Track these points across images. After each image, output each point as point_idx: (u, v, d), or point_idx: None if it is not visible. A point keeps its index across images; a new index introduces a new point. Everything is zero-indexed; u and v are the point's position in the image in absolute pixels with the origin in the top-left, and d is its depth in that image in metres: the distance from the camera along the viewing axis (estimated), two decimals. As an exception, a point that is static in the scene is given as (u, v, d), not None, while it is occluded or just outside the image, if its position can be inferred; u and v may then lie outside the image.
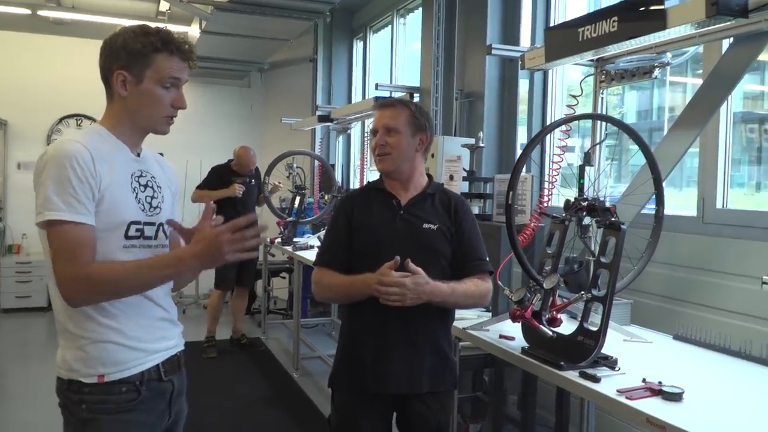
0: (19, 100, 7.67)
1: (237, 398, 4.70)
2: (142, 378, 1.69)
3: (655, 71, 2.57)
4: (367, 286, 2.02)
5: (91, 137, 1.66)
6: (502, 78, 4.42)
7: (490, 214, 3.25)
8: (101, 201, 1.60)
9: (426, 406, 2.16)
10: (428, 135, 2.24)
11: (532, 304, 2.19)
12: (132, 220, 1.67)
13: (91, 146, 1.61)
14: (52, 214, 1.53)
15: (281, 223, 6.02)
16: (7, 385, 5.06)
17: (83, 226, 1.55)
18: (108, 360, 1.63)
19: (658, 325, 2.78)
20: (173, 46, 1.68)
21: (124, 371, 1.65)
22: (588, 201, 2.20)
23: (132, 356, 1.67)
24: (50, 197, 1.53)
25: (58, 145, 1.59)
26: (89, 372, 1.62)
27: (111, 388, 1.64)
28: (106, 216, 1.61)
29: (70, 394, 1.64)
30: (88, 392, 1.62)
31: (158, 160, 1.88)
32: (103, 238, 1.62)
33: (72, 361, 1.63)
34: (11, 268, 7.13)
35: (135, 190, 1.70)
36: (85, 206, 1.55)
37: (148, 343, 1.71)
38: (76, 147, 1.58)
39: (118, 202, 1.64)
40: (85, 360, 1.62)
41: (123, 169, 1.69)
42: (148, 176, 1.76)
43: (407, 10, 6.48)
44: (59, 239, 1.54)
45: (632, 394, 1.82)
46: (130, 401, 1.66)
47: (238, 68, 8.26)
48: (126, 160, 1.71)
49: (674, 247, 2.92)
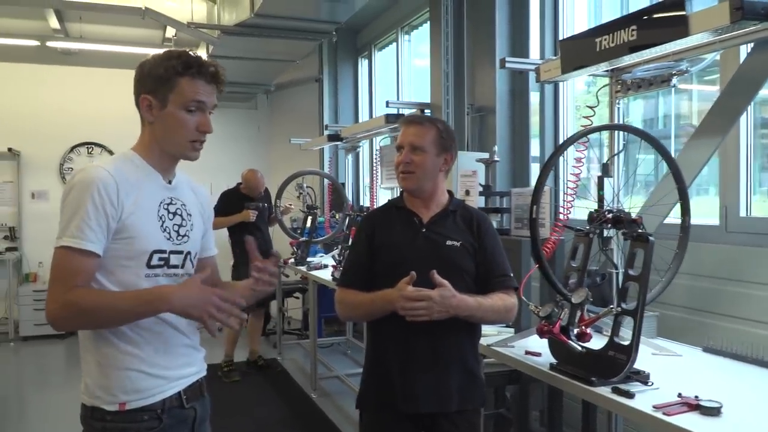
0: (31, 131, 7.75)
1: (257, 420, 4.67)
2: (163, 406, 1.68)
3: (673, 79, 2.54)
4: (388, 302, 1.99)
5: (122, 164, 1.66)
6: (513, 91, 4.41)
7: (508, 229, 3.22)
8: (122, 230, 1.60)
9: (454, 426, 2.12)
10: (453, 155, 2.22)
11: (560, 320, 2.15)
12: (155, 249, 1.66)
13: (118, 174, 1.61)
14: (65, 240, 1.54)
15: (294, 243, 6.01)
16: (26, 412, 5.05)
17: (86, 254, 1.55)
18: (129, 387, 1.63)
19: (685, 337, 2.73)
20: (195, 69, 1.66)
21: (146, 399, 1.65)
22: (613, 213, 2.17)
23: (153, 384, 1.66)
24: (66, 224, 1.55)
25: (84, 173, 1.60)
26: (111, 399, 1.62)
27: (133, 416, 1.63)
28: (126, 244, 1.61)
29: (93, 422, 1.64)
30: (110, 420, 1.62)
31: (192, 186, 1.87)
32: (125, 266, 1.62)
33: (94, 388, 1.63)
34: (29, 296, 7.16)
35: (162, 218, 1.69)
36: (96, 235, 1.55)
37: (169, 371, 1.70)
38: (101, 174, 1.58)
39: (141, 231, 1.63)
40: (107, 387, 1.62)
41: (151, 197, 1.68)
42: (178, 204, 1.76)
43: (411, 26, 6.50)
44: (58, 263, 1.56)
45: (669, 410, 1.78)
46: (151, 429, 1.65)
47: (245, 91, 8.30)
48: (156, 187, 1.71)
49: (697, 257, 2.87)
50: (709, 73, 3.39)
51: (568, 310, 2.19)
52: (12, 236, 7.70)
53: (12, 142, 7.61)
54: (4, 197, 7.75)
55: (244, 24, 5.42)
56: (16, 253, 7.59)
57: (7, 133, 7.62)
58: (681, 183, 2.31)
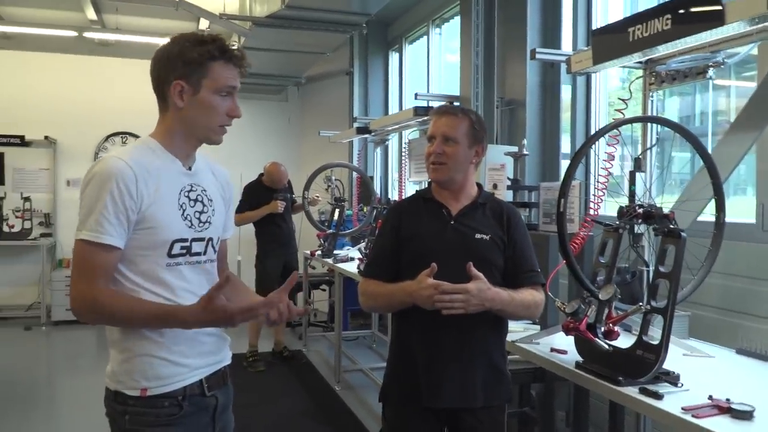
0: (67, 120, 7.93)
1: (280, 411, 4.68)
2: (184, 393, 1.67)
3: (709, 71, 2.45)
4: (408, 294, 1.96)
5: (141, 153, 1.65)
6: (544, 84, 4.33)
7: (536, 224, 3.15)
8: (142, 221, 1.60)
9: (479, 421, 2.08)
10: (484, 147, 2.18)
11: (586, 317, 2.09)
12: (177, 238, 1.65)
13: (137, 165, 1.60)
14: (84, 234, 1.55)
15: (321, 235, 6.02)
16: (56, 396, 5.15)
17: (106, 248, 1.56)
18: (150, 374, 1.64)
19: (717, 338, 2.64)
20: (229, 54, 1.66)
21: (166, 386, 1.65)
22: (644, 207, 2.10)
23: (174, 371, 1.66)
24: (86, 217, 1.56)
25: (103, 164, 1.59)
26: (133, 385, 1.63)
27: (153, 402, 1.64)
28: (147, 235, 1.61)
29: (116, 405, 1.65)
30: (132, 404, 1.63)
31: (212, 167, 1.85)
32: (147, 256, 1.62)
33: (118, 373, 1.65)
34: (61, 282, 7.27)
35: (182, 207, 1.68)
36: (116, 228, 1.56)
37: (191, 359, 1.69)
38: (119, 166, 1.57)
39: (161, 221, 1.62)
40: (130, 372, 1.64)
41: (171, 185, 1.67)
42: (198, 190, 1.74)
43: (443, 19, 6.44)
44: (81, 256, 1.57)
45: (699, 412, 1.72)
46: (171, 416, 1.65)
47: (276, 83, 8.34)
48: (176, 175, 1.70)
49: (732, 255, 2.78)
50: (747, 69, 3.29)
51: (596, 307, 2.14)
52: (47, 222, 7.87)
53: (49, 131, 7.78)
54: (40, 184, 7.94)
55: (276, 15, 5.44)
56: (51, 239, 7.77)
57: (45, 122, 7.80)
58: (716, 178, 2.24)
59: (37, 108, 7.84)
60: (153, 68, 1.69)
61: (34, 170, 7.94)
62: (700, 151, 2.26)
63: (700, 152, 2.26)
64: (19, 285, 7.76)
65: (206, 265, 1.76)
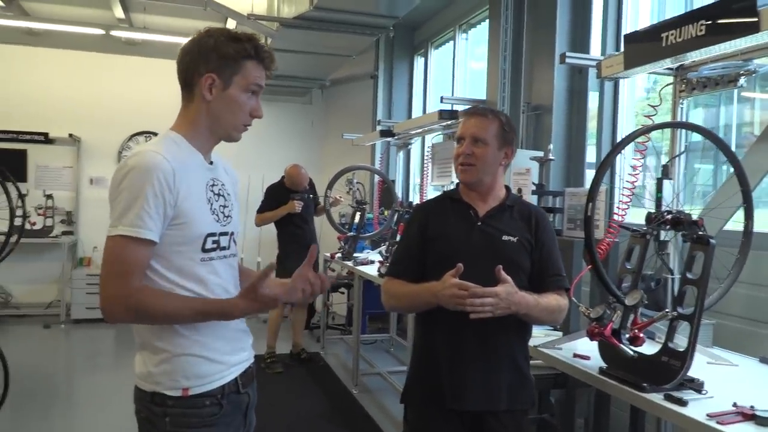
0: (92, 118, 8.00)
1: (298, 413, 4.69)
2: (223, 391, 1.67)
3: (740, 79, 2.43)
4: (432, 294, 1.95)
5: (171, 147, 1.63)
6: (571, 90, 4.32)
7: (560, 229, 3.14)
8: (178, 215, 1.58)
9: (502, 425, 2.06)
10: (513, 149, 2.17)
11: (612, 322, 2.08)
12: (209, 233, 1.65)
13: (173, 159, 1.58)
14: (125, 230, 1.51)
15: (341, 238, 6.04)
16: (76, 394, 5.19)
17: (145, 243, 1.53)
18: (191, 373, 1.62)
19: (741, 348, 2.61)
20: (264, 54, 1.68)
21: (207, 385, 1.64)
22: (672, 213, 2.09)
23: (214, 369, 1.66)
24: (124, 212, 1.52)
25: (140, 158, 1.56)
26: (173, 385, 1.61)
27: (195, 402, 1.62)
28: (182, 230, 1.60)
29: (153, 407, 1.62)
30: (172, 405, 1.61)
31: (225, 166, 1.86)
32: (181, 251, 1.60)
33: (156, 374, 1.62)
34: (82, 280, 7.34)
35: (210, 201, 1.68)
36: (155, 222, 1.53)
37: (228, 356, 1.70)
38: (157, 160, 1.55)
39: (195, 215, 1.62)
40: (169, 373, 1.61)
41: (198, 179, 1.67)
42: (219, 184, 1.75)
43: (469, 24, 6.45)
44: (114, 253, 1.52)
45: (723, 419, 1.71)
46: (213, 415, 1.65)
47: (301, 85, 8.38)
48: (201, 169, 1.70)
49: (759, 266, 2.75)
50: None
51: (621, 312, 2.12)
52: (69, 220, 7.92)
53: (73, 128, 7.87)
54: (64, 182, 7.99)
55: (304, 17, 5.47)
56: (72, 237, 7.81)
57: (69, 120, 7.88)
58: (745, 186, 2.22)
59: (62, 105, 7.89)
60: (183, 58, 1.68)
61: (58, 168, 7.97)
62: (731, 158, 2.24)
63: (731, 159, 2.24)
64: (39, 282, 7.78)
65: (232, 259, 1.77)
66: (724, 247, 2.21)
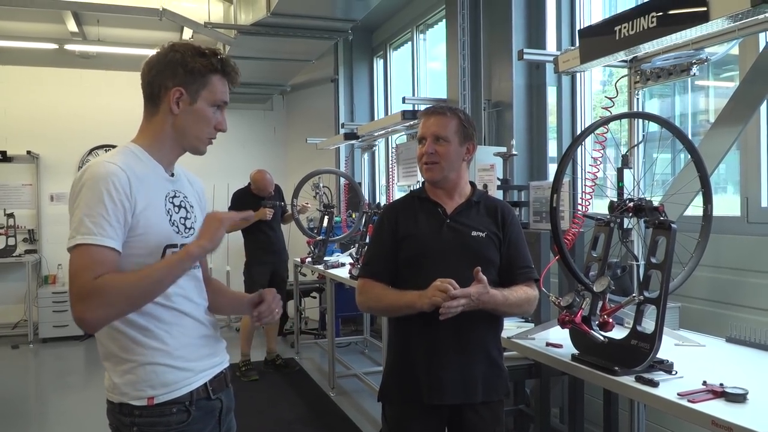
0: (49, 134, 7.85)
1: (277, 419, 4.67)
2: (191, 398, 1.66)
3: (693, 68, 2.51)
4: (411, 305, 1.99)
5: (128, 158, 1.62)
6: (530, 86, 4.39)
7: (527, 222, 3.20)
8: (136, 226, 1.56)
9: (479, 417, 2.11)
10: (474, 144, 2.21)
11: (581, 310, 2.13)
12: (168, 244, 1.64)
13: (129, 168, 1.57)
14: (82, 238, 1.48)
15: (311, 242, 6.03)
16: (47, 414, 5.08)
17: (107, 249, 1.49)
18: (156, 382, 1.61)
19: (707, 328, 2.70)
20: (229, 69, 1.69)
21: (173, 392, 1.63)
22: (634, 201, 2.15)
23: (180, 376, 1.65)
24: (83, 221, 1.49)
25: (95, 168, 1.54)
26: (139, 395, 1.61)
27: (161, 410, 1.62)
28: (141, 241, 1.58)
29: (122, 417, 1.62)
30: (139, 415, 1.61)
31: (188, 176, 1.85)
32: (140, 263, 1.58)
33: (121, 385, 1.61)
34: (48, 298, 7.21)
35: (169, 212, 1.67)
36: (115, 230, 1.51)
37: (194, 362, 1.69)
38: (112, 169, 1.54)
39: (154, 226, 1.61)
40: (134, 383, 1.61)
41: (157, 190, 1.66)
42: (181, 196, 1.74)
43: (427, 25, 6.50)
44: (78, 262, 1.48)
45: (694, 397, 1.76)
46: (181, 422, 1.64)
47: (261, 92, 8.34)
48: (160, 180, 1.69)
49: (719, 248, 2.84)
50: (726, 69, 3.36)
51: (590, 300, 2.18)
52: (31, 239, 7.77)
53: (31, 145, 7.70)
54: (24, 200, 7.82)
55: (261, 23, 5.46)
56: (36, 255, 7.66)
57: (26, 136, 7.71)
58: (703, 171, 2.29)
59: (18, 122, 7.74)
60: (148, 72, 1.67)
61: (17, 186, 7.80)
62: (687, 145, 2.32)
63: (687, 146, 2.31)
64: (4, 303, 7.63)
65: (196, 271, 1.75)
66: (686, 232, 2.28)
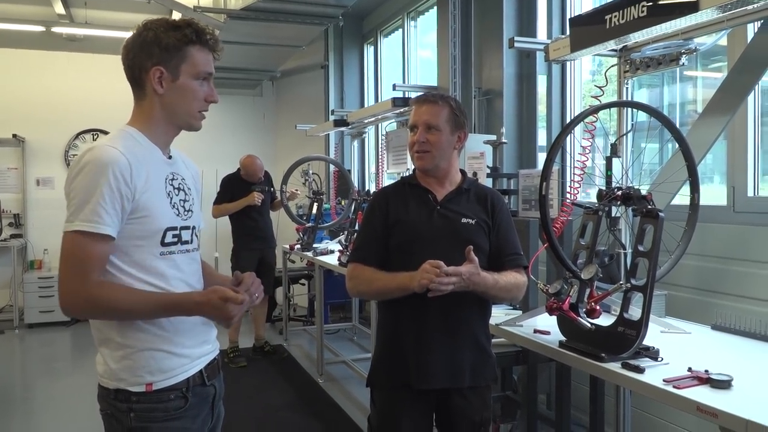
0: (35, 118, 7.76)
1: (265, 406, 4.68)
2: (188, 384, 1.67)
3: (682, 58, 2.53)
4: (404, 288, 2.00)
5: (128, 142, 1.61)
6: (520, 74, 4.40)
7: (516, 210, 3.21)
8: (136, 210, 1.57)
9: (467, 401, 2.13)
10: (466, 132, 2.22)
11: (569, 297, 2.15)
12: (168, 227, 1.64)
13: (130, 153, 1.57)
14: (81, 224, 1.49)
15: (300, 229, 6.03)
16: (34, 399, 5.06)
17: (102, 238, 1.51)
18: (154, 368, 1.62)
19: (693, 316, 2.73)
20: (205, 37, 1.66)
21: (171, 378, 1.64)
22: (622, 189, 2.16)
23: (178, 363, 1.66)
24: (80, 207, 1.50)
25: (95, 153, 1.54)
26: (137, 380, 1.60)
27: (159, 396, 1.62)
28: (141, 224, 1.58)
29: (117, 403, 1.61)
30: (136, 401, 1.60)
31: (183, 159, 1.85)
32: (140, 246, 1.59)
33: (118, 370, 1.61)
34: (34, 284, 7.17)
35: (169, 195, 1.67)
36: (112, 218, 1.51)
37: (191, 349, 1.70)
38: (113, 154, 1.54)
39: (154, 209, 1.61)
40: (132, 369, 1.60)
41: (157, 173, 1.65)
42: (179, 179, 1.74)
43: (418, 12, 6.48)
44: (71, 249, 1.51)
45: (680, 384, 1.79)
46: (178, 408, 1.65)
47: (251, 77, 8.29)
48: (159, 163, 1.68)
49: (705, 237, 2.87)
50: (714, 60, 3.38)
51: (577, 287, 2.20)
52: (17, 223, 7.71)
53: (17, 129, 7.61)
54: (9, 184, 7.75)
55: (251, 8, 5.43)
56: (21, 240, 7.60)
57: (12, 120, 7.62)
58: (690, 160, 2.31)
59: (4, 106, 7.64)
60: (126, 56, 1.65)
61: (3, 170, 7.73)
62: (676, 134, 2.33)
63: (675, 135, 2.33)
64: (-11, 288, 7.57)
65: (195, 253, 1.76)
66: (673, 221, 2.30)
